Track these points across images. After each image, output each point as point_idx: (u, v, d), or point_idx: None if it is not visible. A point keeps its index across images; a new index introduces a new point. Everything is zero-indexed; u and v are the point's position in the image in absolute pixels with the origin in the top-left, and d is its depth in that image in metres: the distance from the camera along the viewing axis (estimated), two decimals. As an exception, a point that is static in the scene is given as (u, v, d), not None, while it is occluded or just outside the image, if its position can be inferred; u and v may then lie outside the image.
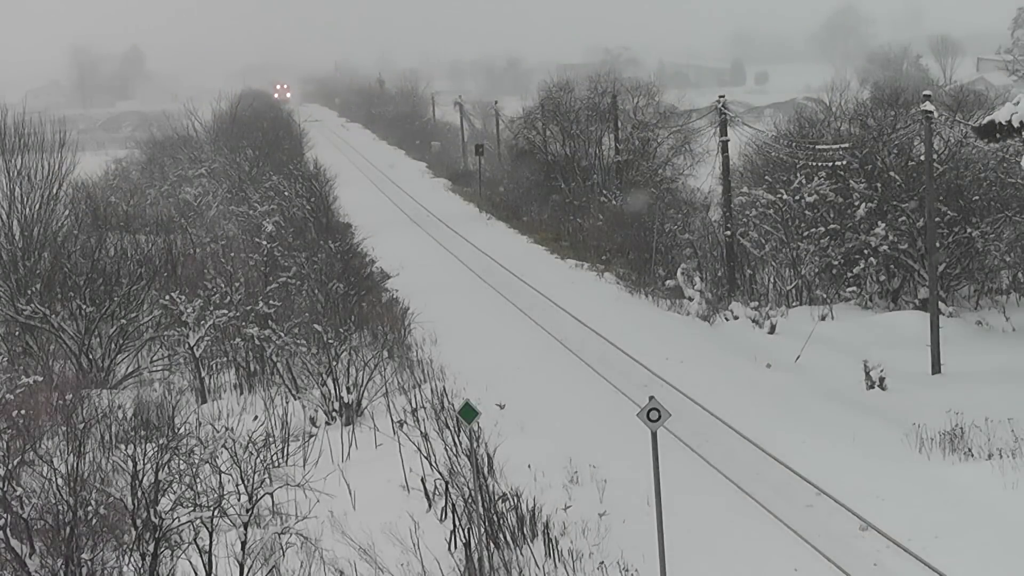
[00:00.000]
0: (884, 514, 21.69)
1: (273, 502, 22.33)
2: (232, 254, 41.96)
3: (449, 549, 20.91)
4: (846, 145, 41.32)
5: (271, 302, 36.01)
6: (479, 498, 20.31)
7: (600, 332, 37.52)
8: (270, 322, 34.46)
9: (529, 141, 68.11)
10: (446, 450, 23.07)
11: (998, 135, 27.96)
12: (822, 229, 41.44)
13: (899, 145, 41.03)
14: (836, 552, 20.41)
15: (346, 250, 44.75)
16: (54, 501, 18.11)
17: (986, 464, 23.68)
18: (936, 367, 32.62)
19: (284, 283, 38.58)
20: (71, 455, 19.10)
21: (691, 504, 22.50)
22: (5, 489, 17.95)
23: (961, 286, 41.00)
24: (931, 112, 32.78)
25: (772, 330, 37.51)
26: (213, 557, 18.49)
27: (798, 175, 42.74)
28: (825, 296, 40.90)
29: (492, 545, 20.70)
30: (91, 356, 35.06)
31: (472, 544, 20.27)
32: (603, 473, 24.07)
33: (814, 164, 41.80)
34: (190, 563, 18.79)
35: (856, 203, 40.78)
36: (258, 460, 19.56)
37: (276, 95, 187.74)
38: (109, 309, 35.60)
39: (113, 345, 35.63)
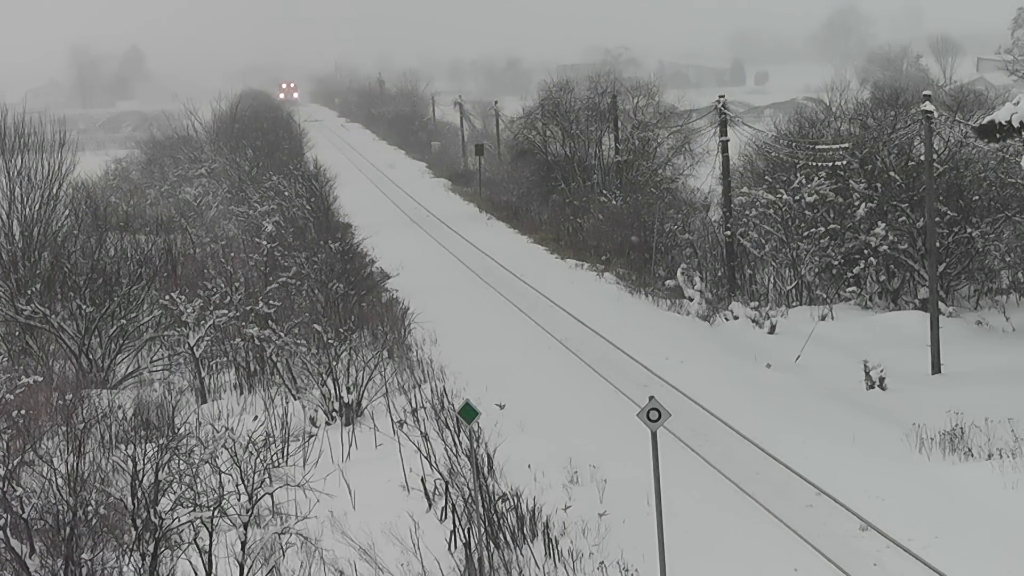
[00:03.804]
0: (884, 514, 21.69)
1: (273, 502, 22.34)
2: (232, 254, 41.95)
3: (449, 549, 20.91)
4: (846, 145, 41.30)
5: (271, 302, 36.01)
6: (479, 498, 20.31)
7: (600, 332, 37.52)
8: (270, 322, 34.46)
9: (529, 141, 68.11)
10: (446, 450, 23.08)
11: (998, 135, 27.94)
12: (822, 229, 41.43)
13: (899, 145, 41.01)
14: (836, 552, 20.41)
15: (346, 250, 44.75)
16: (54, 501, 18.11)
17: (986, 464, 23.67)
18: (936, 367, 32.60)
19: (284, 283, 38.58)
20: (71, 455, 19.11)
21: (691, 504, 22.50)
22: (5, 489, 17.96)
23: (961, 286, 40.98)
24: (931, 112, 32.77)
25: (772, 330, 37.51)
26: (213, 557, 18.49)
27: (798, 175, 42.73)
28: (825, 296, 40.90)
29: (492, 545, 20.71)
30: (91, 356, 35.06)
31: (472, 544, 20.28)
32: (603, 473, 24.06)
33: (814, 164, 41.78)
34: (190, 563, 18.80)
35: (856, 203, 40.78)
36: (258, 460, 19.57)
37: (282, 95, 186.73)
38: (109, 309, 35.60)
39: (113, 345, 35.63)
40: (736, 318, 39.31)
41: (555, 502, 22.41)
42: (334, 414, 29.42)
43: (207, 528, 18.39)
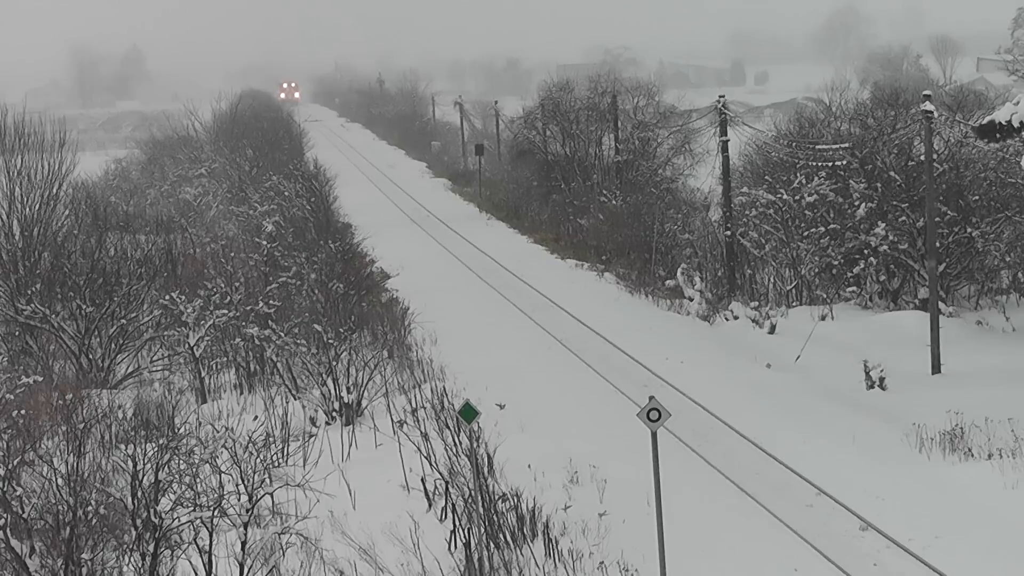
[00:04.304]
0: (884, 514, 21.69)
1: (273, 502, 22.34)
2: (232, 254, 41.96)
3: (449, 549, 20.92)
4: (846, 145, 41.28)
5: (271, 302, 36.01)
6: (479, 498, 20.32)
7: (600, 332, 37.52)
8: (270, 322, 34.46)
9: (529, 141, 68.09)
10: (446, 450, 23.09)
11: (998, 135, 27.93)
12: (822, 229, 41.42)
13: (899, 145, 41.00)
14: (836, 552, 20.42)
15: (346, 250, 44.75)
16: (54, 501, 18.11)
17: (986, 464, 23.67)
18: (936, 367, 32.59)
19: (284, 283, 38.58)
20: (71, 455, 19.10)
21: (691, 504, 22.51)
22: (5, 489, 17.95)
23: (961, 286, 40.95)
24: (931, 112, 32.76)
25: (772, 330, 37.48)
26: (213, 557, 18.50)
27: (798, 175, 42.71)
28: (825, 296, 40.88)
29: (492, 545, 20.71)
30: (91, 356, 35.06)
31: (472, 544, 20.28)
32: (603, 473, 24.08)
33: (814, 164, 41.76)
34: (190, 563, 18.81)
35: (856, 203, 40.77)
36: (258, 460, 19.57)
37: (283, 95, 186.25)
38: (109, 309, 35.61)
39: (113, 345, 35.63)
40: (736, 318, 39.30)
41: (555, 502, 22.42)
42: (334, 414, 29.42)
43: (207, 528, 18.39)
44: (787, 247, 43.04)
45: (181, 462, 19.06)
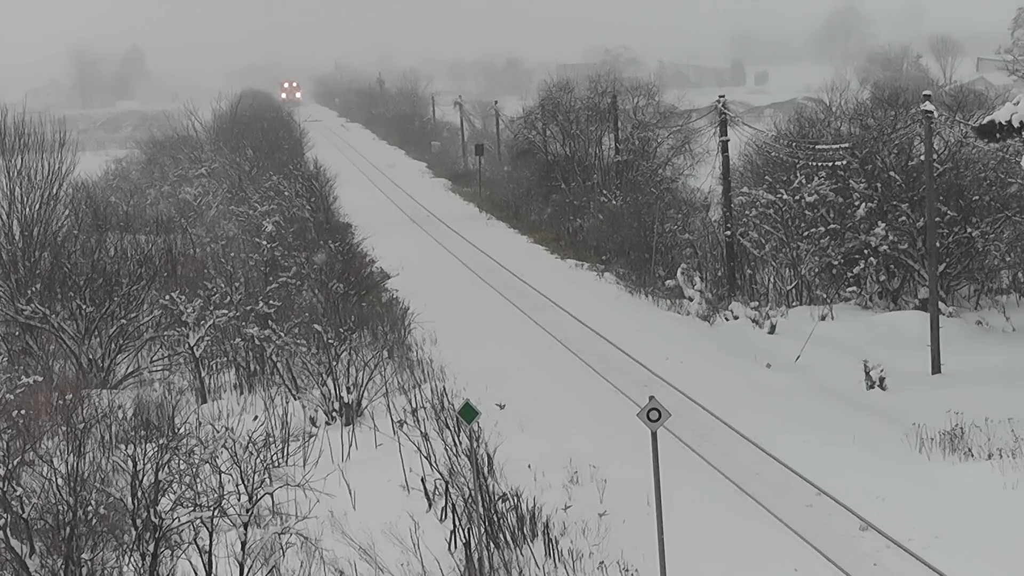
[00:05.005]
0: (884, 514, 21.70)
1: (273, 502, 22.35)
2: (232, 254, 41.96)
3: (449, 549, 20.92)
4: (846, 145, 41.27)
5: (271, 302, 36.00)
6: (479, 498, 20.32)
7: (600, 332, 37.52)
8: (270, 322, 34.46)
9: (529, 141, 68.10)
10: (446, 450, 23.09)
11: (998, 135, 27.92)
12: (822, 229, 41.41)
13: (899, 145, 40.98)
14: (836, 552, 20.42)
15: (346, 250, 44.75)
16: (54, 501, 18.11)
17: (986, 464, 23.67)
18: (936, 367, 32.59)
19: (284, 283, 38.58)
20: (71, 455, 19.09)
21: (691, 504, 22.51)
22: (5, 489, 17.95)
23: (961, 286, 40.94)
24: (931, 112, 32.75)
25: (772, 330, 37.49)
26: (213, 557, 18.50)
27: (798, 175, 42.70)
28: (825, 296, 40.87)
29: (492, 545, 20.71)
30: (91, 356, 35.06)
31: (472, 544, 20.28)
32: (603, 473, 24.08)
33: (814, 164, 41.74)
34: (190, 563, 18.81)
35: (856, 203, 40.77)
36: (258, 460, 19.57)
37: (284, 94, 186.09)
38: (109, 309, 35.60)
39: (113, 345, 35.62)
40: (736, 318, 39.29)
41: (555, 502, 22.42)
42: (334, 414, 29.42)
43: (207, 528, 18.39)
44: (787, 247, 43.04)
45: (181, 462, 19.07)
